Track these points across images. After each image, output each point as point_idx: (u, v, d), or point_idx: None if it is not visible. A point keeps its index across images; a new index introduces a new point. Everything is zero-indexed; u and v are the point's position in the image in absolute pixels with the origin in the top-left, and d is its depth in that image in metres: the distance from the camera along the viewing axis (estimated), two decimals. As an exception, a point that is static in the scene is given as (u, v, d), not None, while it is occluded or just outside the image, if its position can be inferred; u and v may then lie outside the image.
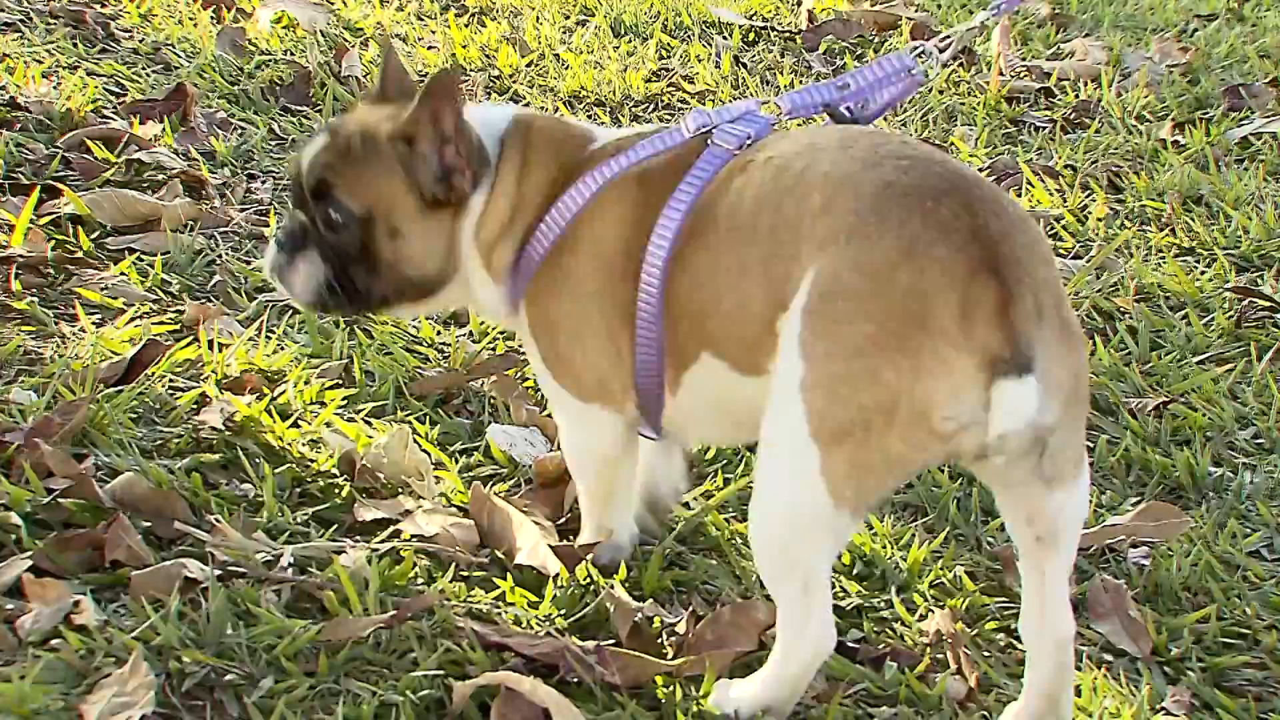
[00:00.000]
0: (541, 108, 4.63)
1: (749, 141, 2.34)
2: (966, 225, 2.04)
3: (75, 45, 4.56)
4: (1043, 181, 4.41)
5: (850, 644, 2.50)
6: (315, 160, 2.42)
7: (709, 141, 2.36)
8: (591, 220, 2.39)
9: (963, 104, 4.99)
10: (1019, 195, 4.35)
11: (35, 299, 3.22)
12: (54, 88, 4.18)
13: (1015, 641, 2.55)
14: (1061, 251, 4.09)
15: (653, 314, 2.33)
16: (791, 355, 2.09)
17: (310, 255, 2.43)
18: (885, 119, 4.27)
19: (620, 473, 2.61)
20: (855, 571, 2.69)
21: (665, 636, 2.49)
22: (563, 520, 2.76)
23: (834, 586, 2.64)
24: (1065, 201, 4.35)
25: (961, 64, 5.36)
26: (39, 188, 3.61)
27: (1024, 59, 5.52)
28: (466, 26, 5.25)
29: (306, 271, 2.43)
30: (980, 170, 4.41)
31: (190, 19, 4.90)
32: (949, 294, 2.01)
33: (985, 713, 2.40)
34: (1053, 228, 4.20)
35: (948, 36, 2.57)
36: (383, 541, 2.62)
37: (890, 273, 2.04)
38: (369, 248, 2.40)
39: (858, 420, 2.05)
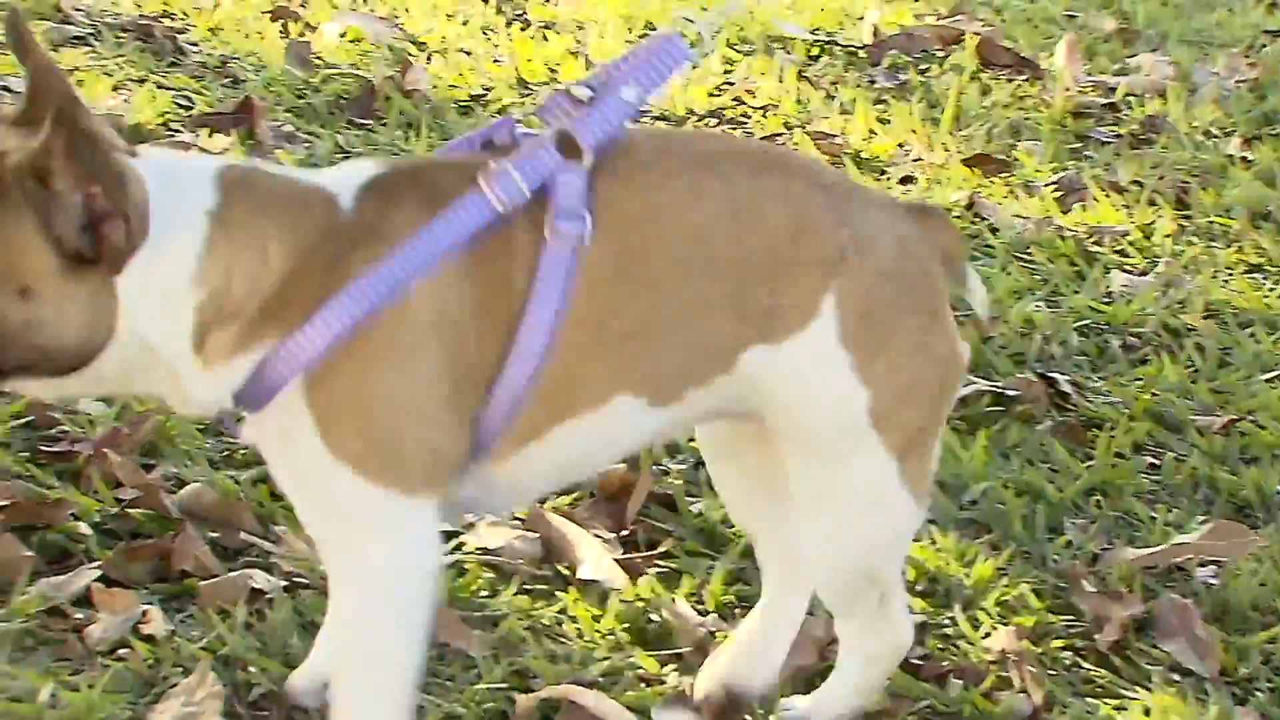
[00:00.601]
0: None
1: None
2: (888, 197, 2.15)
3: (145, 59, 4.60)
4: (1109, 197, 4.39)
5: (914, 660, 2.48)
6: None
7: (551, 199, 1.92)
8: (434, 294, 1.89)
9: (1028, 119, 4.96)
10: (1085, 210, 4.33)
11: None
12: (124, 101, 4.22)
13: (1081, 660, 2.54)
14: (1128, 268, 4.07)
15: (530, 370, 1.92)
16: (841, 387, 2.04)
17: None
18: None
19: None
20: (920, 588, 2.67)
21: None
22: (626, 533, 2.76)
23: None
24: (1132, 217, 4.32)
25: (1026, 78, 5.33)
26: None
27: (1090, 74, 5.48)
28: (531, 40, 5.26)
29: None
30: (1046, 185, 4.41)
31: (258, 33, 4.92)
32: (934, 254, 2.10)
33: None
34: (1119, 244, 4.18)
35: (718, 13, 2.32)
36: (447, 554, 2.62)
37: (904, 263, 2.06)
38: None
39: (930, 411, 2.08)
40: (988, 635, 2.56)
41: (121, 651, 2.30)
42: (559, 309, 1.90)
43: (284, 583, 2.48)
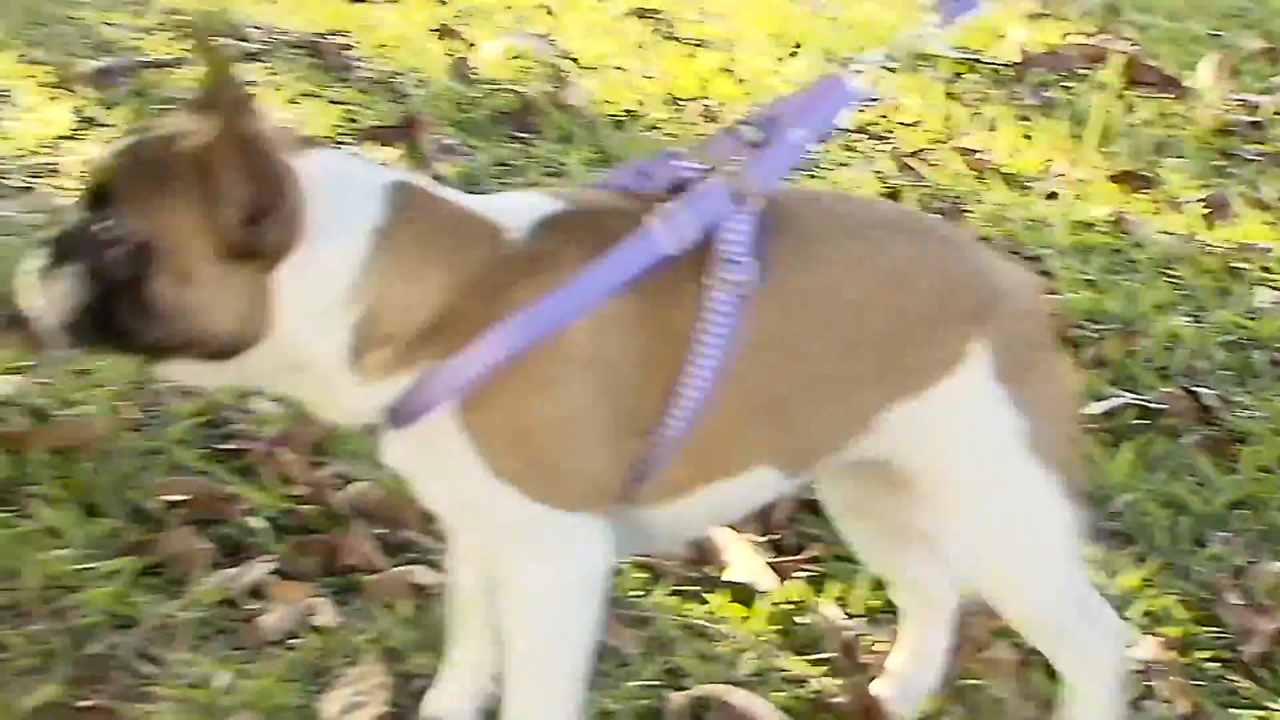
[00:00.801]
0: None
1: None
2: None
3: (315, 74, 4.68)
4: (1254, 214, 4.31)
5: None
6: (107, 159, 1.82)
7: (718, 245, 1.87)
8: (594, 334, 1.84)
9: (1172, 136, 4.90)
10: (1230, 226, 4.26)
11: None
12: (295, 114, 4.29)
13: (1227, 671, 2.50)
14: (1273, 284, 3.99)
15: (689, 420, 1.88)
16: (998, 421, 2.02)
17: (75, 270, 1.77)
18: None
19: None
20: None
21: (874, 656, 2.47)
22: (774, 538, 2.75)
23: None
24: (1278, 235, 4.24)
25: (1171, 96, 5.26)
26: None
27: (1235, 92, 5.39)
28: (682, 57, 5.28)
29: (64, 287, 1.77)
30: (1192, 202, 4.34)
31: (422, 50, 4.99)
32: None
33: (1197, 742, 2.36)
34: (1264, 260, 4.10)
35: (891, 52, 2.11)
36: (602, 554, 2.64)
37: (1029, 303, 2.07)
38: (143, 282, 1.75)
39: (1072, 425, 2.12)
40: (1133, 646, 2.52)
41: (293, 641, 2.34)
42: (721, 361, 1.86)
43: (445, 579, 2.50)
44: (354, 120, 4.39)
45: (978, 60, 5.51)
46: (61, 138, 3.95)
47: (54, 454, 2.65)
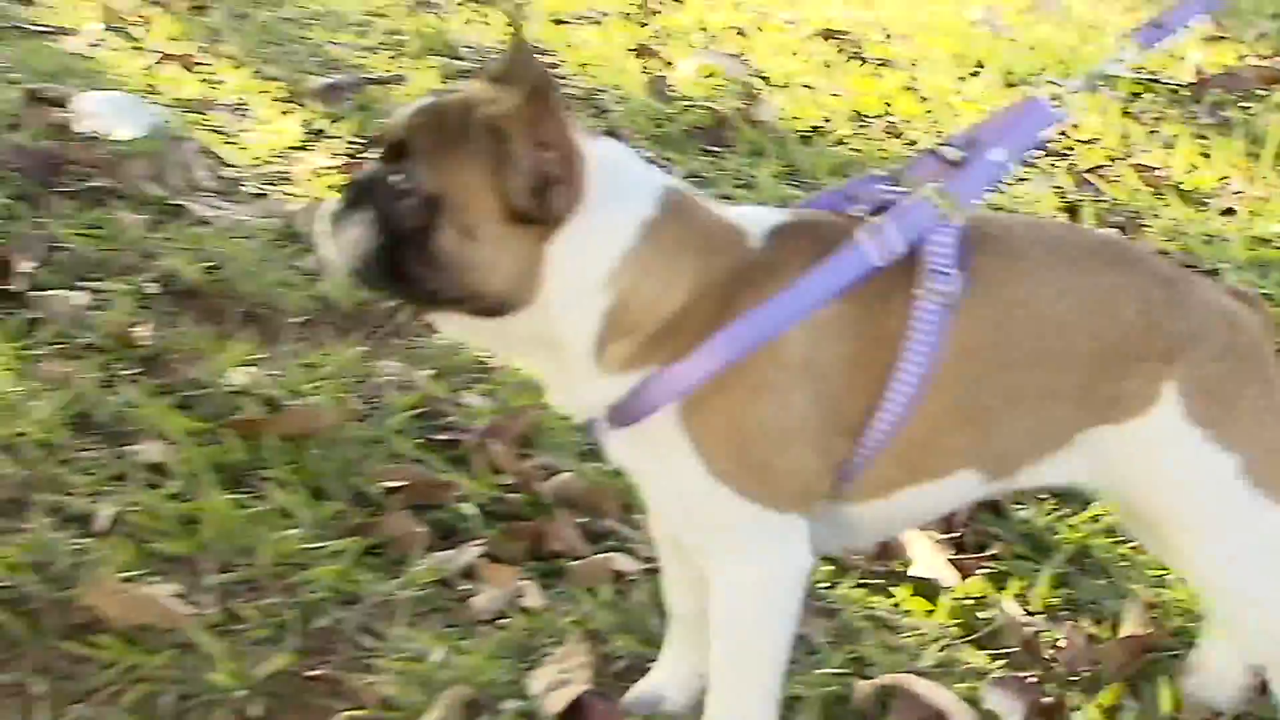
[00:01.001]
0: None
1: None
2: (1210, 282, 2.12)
3: (522, 90, 4.72)
4: None
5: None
6: (406, 117, 1.85)
7: (925, 258, 1.87)
8: (807, 341, 1.85)
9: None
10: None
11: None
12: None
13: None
14: None
15: (894, 423, 1.89)
16: (1200, 459, 1.98)
17: (367, 217, 1.82)
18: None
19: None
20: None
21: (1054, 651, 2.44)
22: (956, 535, 2.72)
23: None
24: None
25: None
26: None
27: None
28: (867, 76, 5.25)
29: (357, 233, 1.82)
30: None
31: (622, 69, 5.02)
32: (1260, 327, 2.03)
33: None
34: None
35: (1092, 74, 2.10)
36: (791, 547, 2.64)
37: (1235, 341, 1.99)
38: (430, 234, 1.79)
39: None
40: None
41: (502, 621, 2.37)
42: (927, 368, 1.86)
43: (644, 566, 2.52)
44: (559, 134, 4.42)
45: (1155, 80, 5.40)
46: (292, 148, 4.03)
47: (285, 441, 2.71)
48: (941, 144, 2.00)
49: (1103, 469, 2.01)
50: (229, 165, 3.88)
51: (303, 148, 4.06)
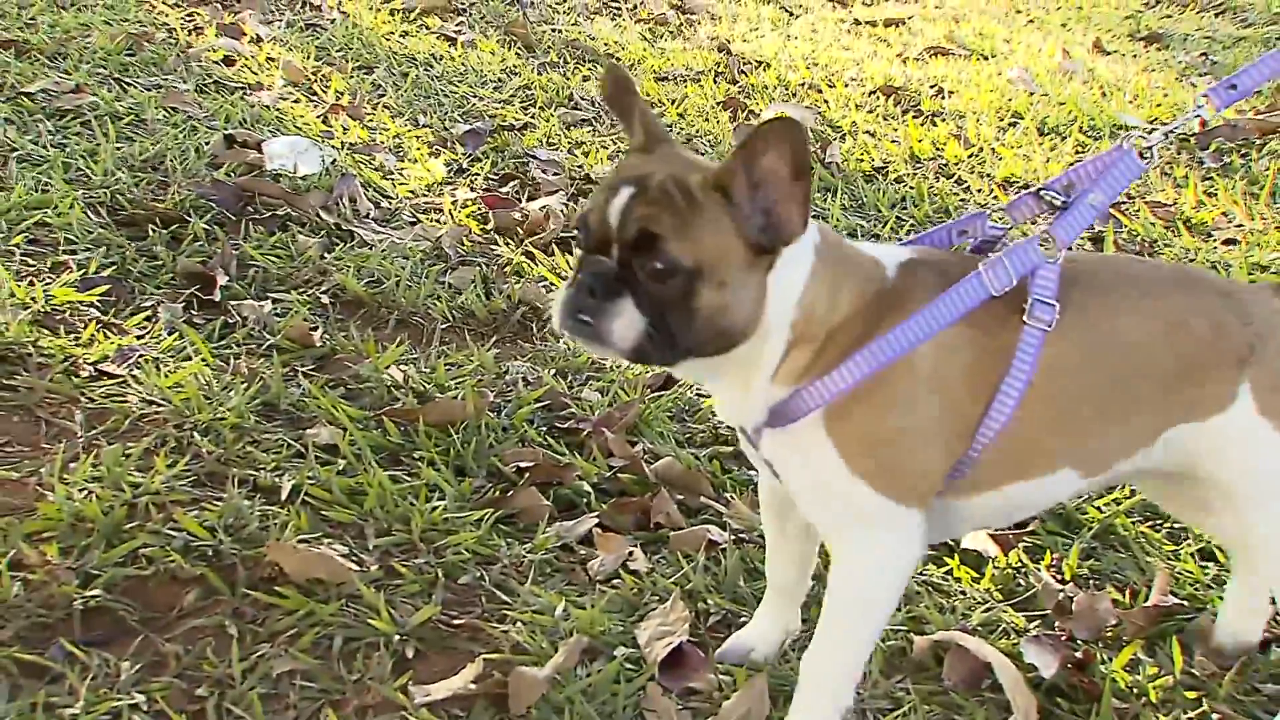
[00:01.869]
0: (979, 190, 4.52)
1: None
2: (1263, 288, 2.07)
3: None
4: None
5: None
6: (630, 211, 1.75)
7: (1031, 290, 1.87)
8: (935, 357, 1.84)
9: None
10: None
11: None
12: (615, 167, 4.32)
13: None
14: None
15: (1000, 428, 1.87)
16: (1272, 447, 1.95)
17: (626, 304, 1.76)
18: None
19: None
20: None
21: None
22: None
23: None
24: None
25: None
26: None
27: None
28: (921, 125, 5.17)
29: (626, 320, 1.75)
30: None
31: (714, 118, 4.98)
32: None
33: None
34: None
35: (1169, 127, 2.04)
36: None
37: None
38: (691, 298, 1.75)
39: None
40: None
41: (614, 581, 2.36)
42: (1028, 381, 1.85)
43: (733, 537, 2.49)
44: (661, 173, 4.40)
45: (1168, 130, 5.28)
46: (439, 183, 4.04)
47: (433, 427, 2.71)
48: (1042, 187, 1.98)
49: (1181, 459, 1.99)
50: (388, 197, 3.89)
51: (447, 183, 4.06)
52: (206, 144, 3.91)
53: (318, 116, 4.39)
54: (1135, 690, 2.20)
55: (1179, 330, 1.92)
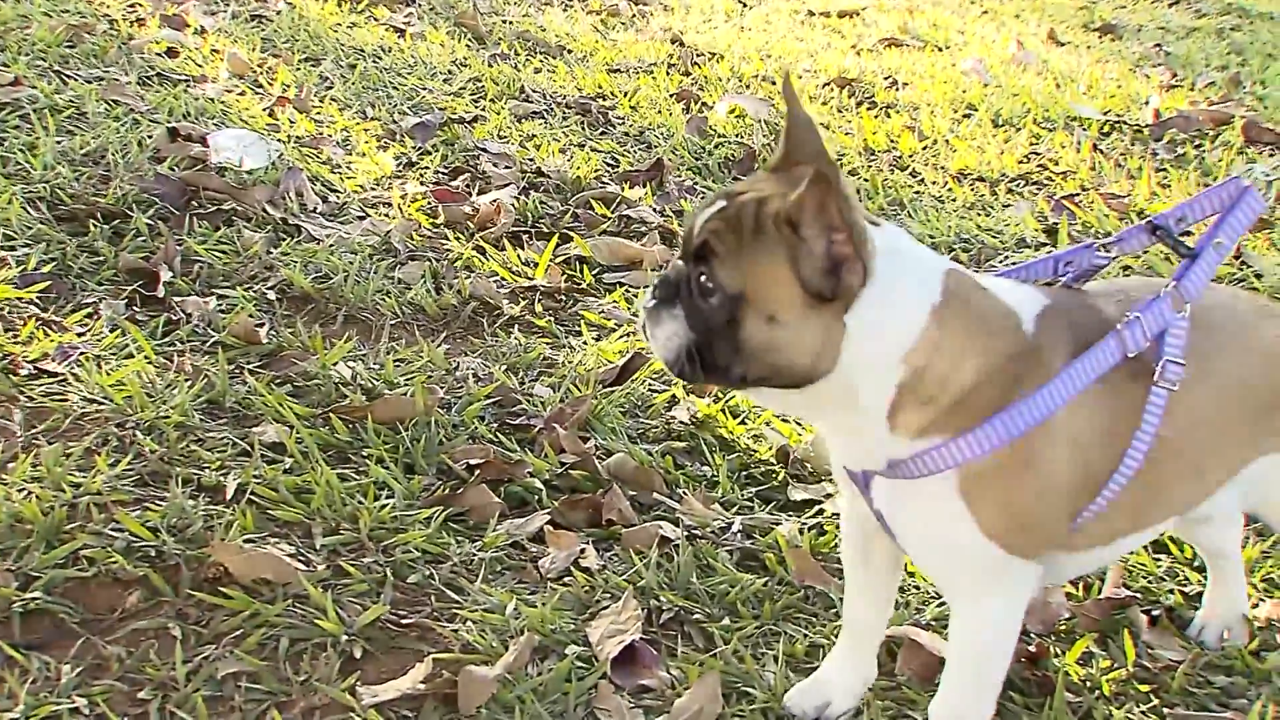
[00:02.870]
0: (933, 182, 4.54)
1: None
2: None
3: (582, 129, 4.71)
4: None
5: (1193, 625, 2.36)
6: (706, 222, 1.74)
7: (1161, 345, 1.83)
8: (1070, 418, 1.78)
9: (1286, 185, 4.68)
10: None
11: (552, 318, 3.32)
12: (567, 160, 4.32)
13: (1336, 634, 2.38)
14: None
15: (1121, 487, 1.84)
16: None
17: (677, 314, 1.75)
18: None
19: None
20: (1197, 564, 2.53)
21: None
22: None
23: (1179, 576, 2.51)
24: (1377, 268, 4.03)
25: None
26: (556, 235, 3.74)
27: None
28: (875, 118, 5.20)
29: (671, 329, 1.75)
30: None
31: (667, 110, 4.99)
32: None
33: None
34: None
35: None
36: (811, 516, 2.61)
37: None
38: (737, 325, 1.70)
39: None
40: (1256, 606, 2.41)
41: (565, 579, 2.35)
42: (1154, 438, 1.81)
43: (685, 533, 2.50)
44: (613, 165, 4.40)
45: (1120, 122, 5.33)
46: (387, 177, 4.02)
47: (382, 425, 2.70)
48: (1155, 222, 1.92)
49: (1252, 489, 1.98)
50: (335, 191, 3.87)
51: (396, 177, 4.05)
52: (149, 137, 3.88)
53: (264, 109, 4.36)
54: (1088, 683, 2.22)
55: (1273, 361, 1.91)
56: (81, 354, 2.80)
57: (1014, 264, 2.21)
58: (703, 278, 1.72)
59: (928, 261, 1.78)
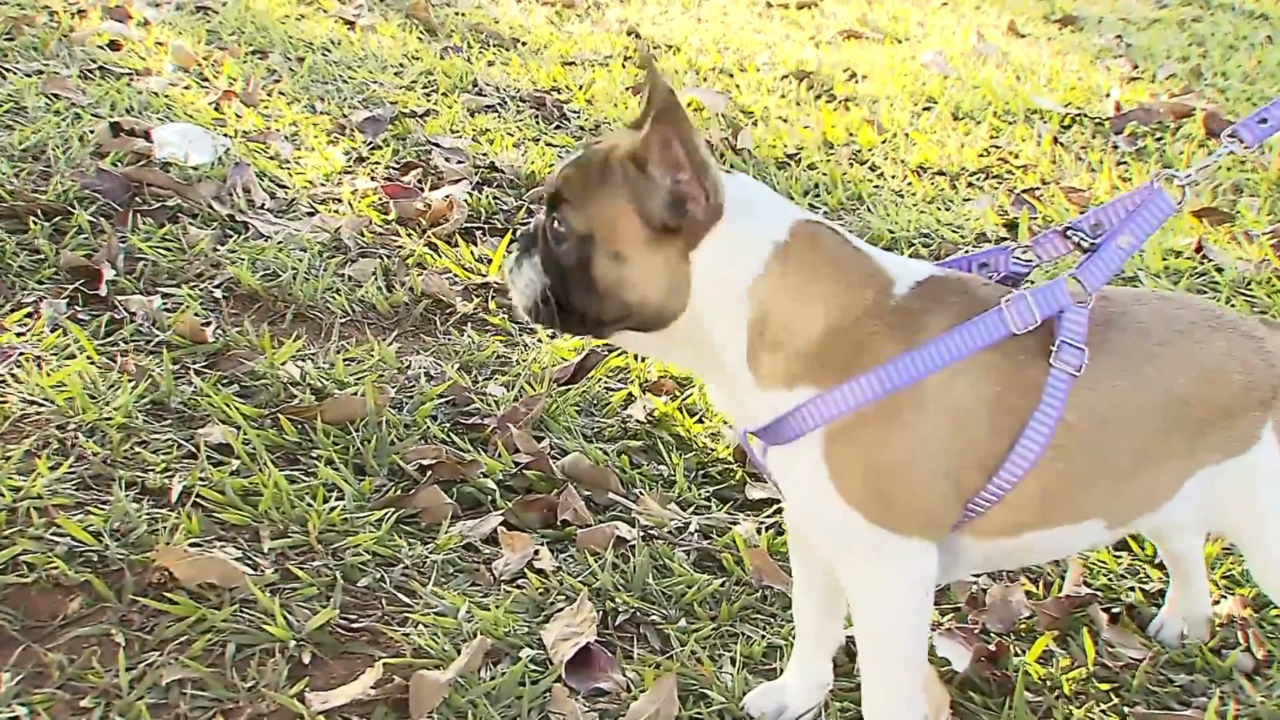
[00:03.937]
0: (893, 176, 4.56)
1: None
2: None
3: (537, 123, 4.70)
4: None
5: (1155, 622, 2.39)
6: (559, 171, 1.83)
7: (1059, 332, 1.82)
8: (949, 386, 1.77)
9: (1248, 179, 4.72)
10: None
11: (506, 316, 3.32)
12: (521, 155, 4.32)
13: (1296, 630, 2.41)
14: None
15: (1020, 474, 1.81)
16: None
17: (535, 262, 1.83)
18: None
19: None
20: (1157, 561, 2.56)
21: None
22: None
23: (1140, 574, 2.53)
24: (1338, 262, 4.08)
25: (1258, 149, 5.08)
26: (510, 231, 3.74)
27: (1301, 141, 5.19)
28: (834, 111, 5.22)
29: (528, 276, 1.84)
30: (1263, 234, 4.18)
31: (623, 104, 4.99)
32: None
33: (1271, 683, 2.26)
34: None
35: (1202, 166, 1.97)
36: (769, 515, 2.62)
37: None
38: (588, 267, 1.77)
39: None
40: (1217, 603, 2.44)
41: (519, 581, 2.35)
42: (1054, 425, 1.79)
43: (642, 534, 2.50)
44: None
45: (1081, 114, 5.37)
46: (337, 173, 4.01)
47: (331, 425, 2.69)
48: (1068, 226, 1.92)
49: (1200, 504, 1.96)
50: (284, 187, 3.85)
51: (346, 172, 4.04)
52: (91, 132, 3.85)
53: (209, 103, 4.34)
54: (1048, 682, 2.23)
55: (1213, 375, 1.89)
56: (21, 354, 2.78)
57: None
58: (555, 223, 1.80)
59: (779, 206, 1.83)
